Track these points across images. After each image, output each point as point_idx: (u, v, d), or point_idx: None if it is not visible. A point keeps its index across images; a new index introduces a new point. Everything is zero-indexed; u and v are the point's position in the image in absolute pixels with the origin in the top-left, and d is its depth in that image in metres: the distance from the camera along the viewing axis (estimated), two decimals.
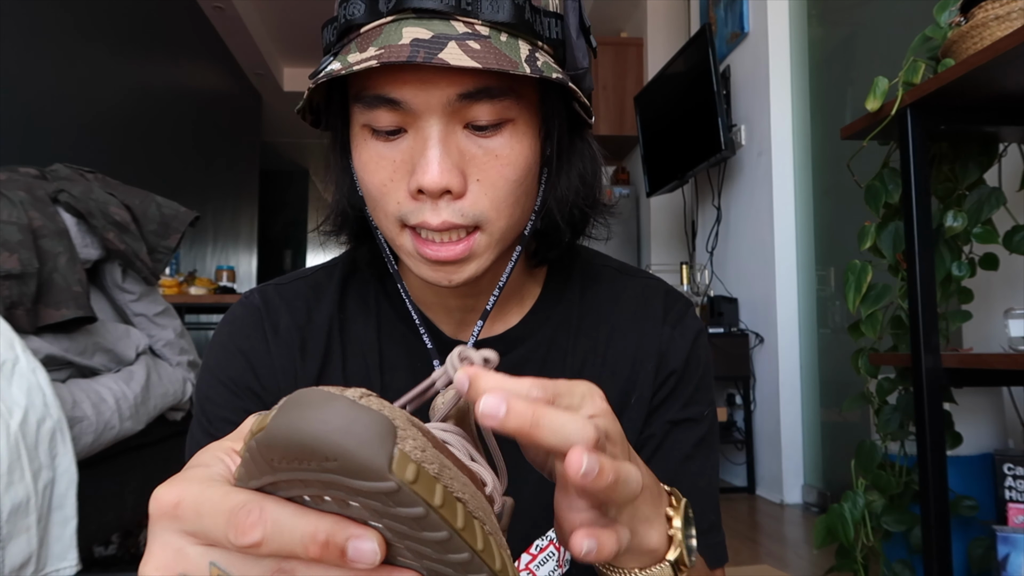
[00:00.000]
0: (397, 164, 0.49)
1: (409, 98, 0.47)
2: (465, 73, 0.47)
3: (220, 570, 0.29)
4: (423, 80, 0.47)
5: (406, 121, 0.49)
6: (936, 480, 1.27)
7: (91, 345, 1.64)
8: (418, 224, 0.49)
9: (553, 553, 0.59)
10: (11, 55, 2.76)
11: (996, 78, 1.23)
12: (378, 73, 0.48)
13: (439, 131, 0.48)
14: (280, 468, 0.26)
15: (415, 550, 0.28)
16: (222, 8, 4.88)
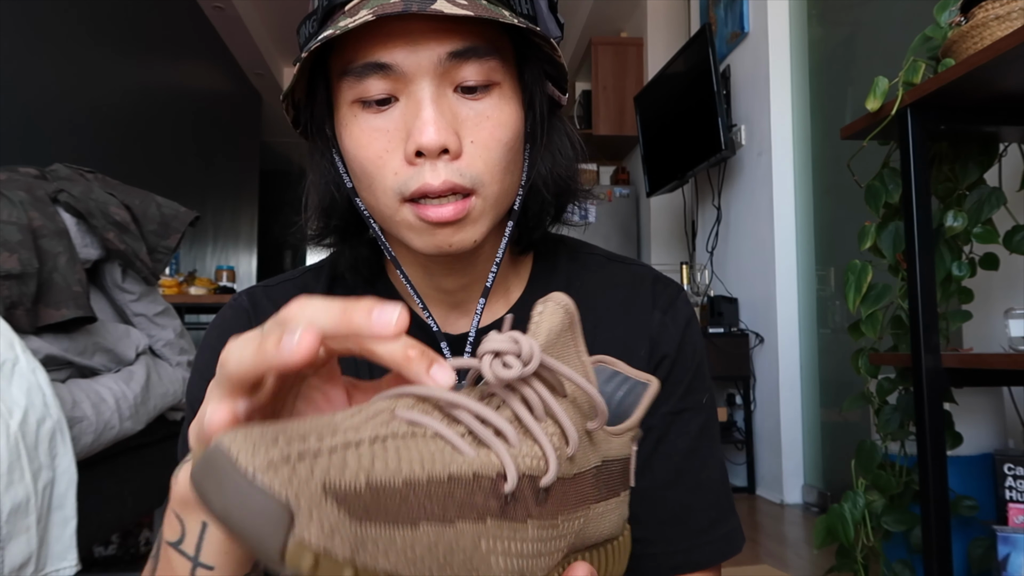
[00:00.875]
0: (391, 133, 0.50)
1: (400, 60, 0.48)
2: (453, 32, 0.49)
3: None
4: (413, 41, 0.48)
5: (397, 88, 0.50)
6: (936, 480, 1.27)
7: (91, 345, 1.64)
8: (419, 189, 0.49)
9: None
10: (11, 55, 2.76)
11: (996, 78, 1.23)
12: (368, 41, 0.49)
13: (431, 92, 0.49)
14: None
15: None
16: (222, 8, 4.88)
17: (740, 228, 3.23)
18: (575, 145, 0.60)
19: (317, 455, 0.24)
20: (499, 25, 0.52)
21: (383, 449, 0.25)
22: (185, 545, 0.38)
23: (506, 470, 0.26)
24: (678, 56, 3.35)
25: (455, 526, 0.25)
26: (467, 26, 0.50)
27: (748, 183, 3.15)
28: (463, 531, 0.25)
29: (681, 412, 0.61)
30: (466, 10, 0.46)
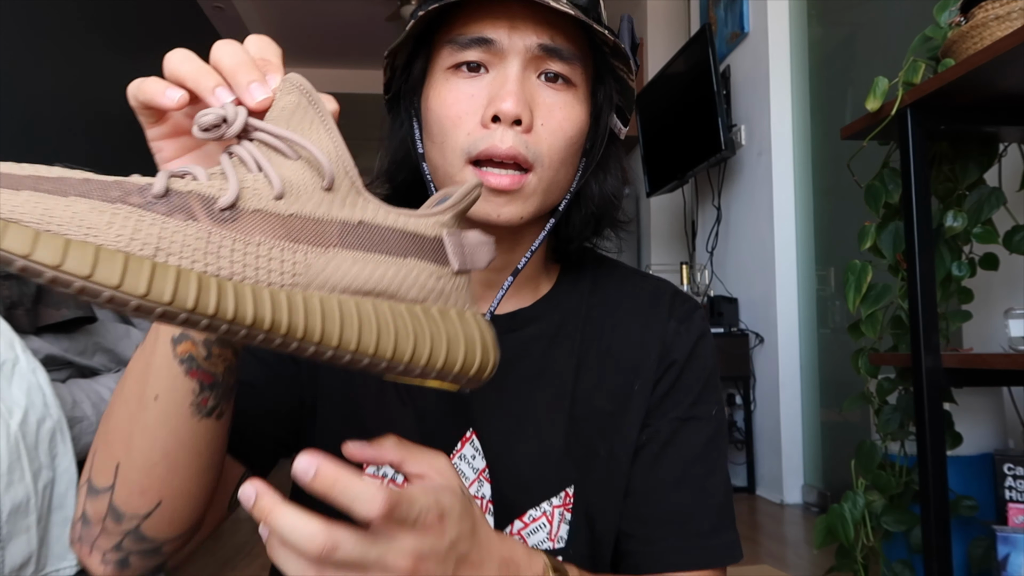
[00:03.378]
0: (475, 98, 0.56)
1: (500, 37, 0.55)
2: (549, 27, 0.56)
3: None
4: (514, 25, 0.55)
5: (491, 60, 0.56)
6: (936, 480, 1.27)
7: (91, 345, 1.64)
8: (486, 150, 0.55)
9: (545, 525, 0.62)
10: (11, 55, 2.76)
11: (996, 78, 1.23)
12: (475, 17, 0.56)
13: (518, 71, 0.55)
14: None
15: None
16: (222, 8, 4.88)
17: (740, 228, 3.23)
18: (624, 178, 0.66)
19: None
20: (587, 41, 0.60)
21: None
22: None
23: (157, 184, 0.34)
24: (678, 56, 3.35)
25: (96, 203, 0.32)
26: (561, 26, 0.57)
27: (748, 183, 3.15)
28: (101, 207, 0.32)
29: (689, 420, 0.63)
30: (567, 8, 0.53)
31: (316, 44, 5.83)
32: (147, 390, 0.45)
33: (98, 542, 0.48)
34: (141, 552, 0.48)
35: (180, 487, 0.47)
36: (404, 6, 4.96)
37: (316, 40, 5.75)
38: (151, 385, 0.45)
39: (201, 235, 0.33)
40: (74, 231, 0.30)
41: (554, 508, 0.62)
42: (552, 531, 0.62)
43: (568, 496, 0.62)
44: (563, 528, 0.62)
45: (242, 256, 0.34)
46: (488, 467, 0.61)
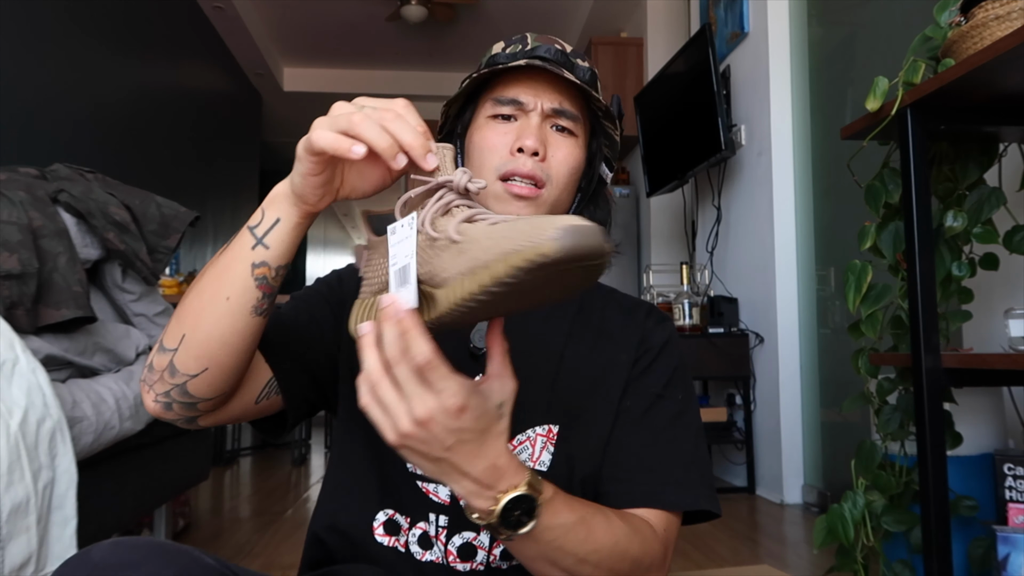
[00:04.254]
0: (506, 137, 0.78)
1: (528, 100, 0.79)
2: (562, 92, 0.79)
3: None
4: (538, 92, 0.79)
5: (518, 113, 0.79)
6: (936, 480, 1.27)
7: (91, 345, 1.64)
8: (512, 169, 0.76)
9: (528, 448, 0.76)
10: (11, 55, 2.76)
11: (996, 78, 1.23)
12: (512, 84, 0.79)
13: (538, 122, 0.78)
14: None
15: None
16: (222, 8, 4.88)
17: (740, 228, 3.23)
18: (609, 211, 0.87)
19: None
20: (586, 106, 0.82)
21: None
22: (258, 229, 0.62)
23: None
24: (678, 56, 3.35)
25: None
26: (569, 94, 0.79)
27: (748, 183, 3.15)
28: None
29: (661, 397, 0.79)
30: (574, 79, 0.76)
31: (316, 44, 5.82)
32: (221, 290, 0.62)
33: (155, 386, 0.65)
34: (183, 403, 0.66)
35: (224, 361, 0.64)
36: (404, 6, 4.96)
37: (316, 40, 5.74)
38: (225, 288, 0.62)
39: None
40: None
41: (537, 435, 0.76)
42: (534, 454, 0.76)
43: (552, 432, 0.77)
44: (545, 456, 0.76)
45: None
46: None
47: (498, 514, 0.56)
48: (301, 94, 6.39)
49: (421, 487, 0.76)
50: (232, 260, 0.62)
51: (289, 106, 6.64)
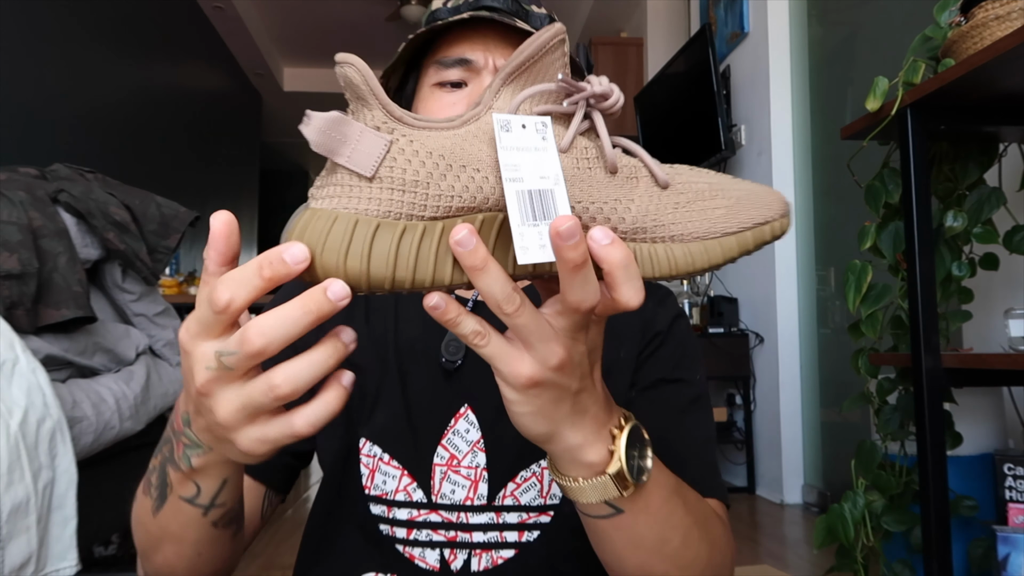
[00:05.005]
0: (456, 106, 0.66)
1: (477, 57, 0.66)
2: (514, 49, 0.65)
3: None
4: (488, 47, 0.67)
5: (469, 76, 0.67)
6: (936, 480, 1.27)
7: (91, 345, 1.64)
8: None
9: (535, 484, 0.66)
10: (11, 55, 2.76)
11: (996, 78, 1.23)
12: (456, 42, 0.67)
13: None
14: None
15: None
16: (222, 8, 4.88)
17: None
18: None
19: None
20: None
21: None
22: (200, 500, 0.47)
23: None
24: (678, 56, 3.35)
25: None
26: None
27: None
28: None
29: (674, 381, 0.70)
30: (528, 28, 0.65)
31: (316, 44, 5.82)
32: (184, 549, 0.52)
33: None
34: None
35: (216, 554, 0.53)
36: (404, 6, 4.96)
37: (316, 40, 5.74)
38: (187, 546, 0.51)
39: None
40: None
41: (543, 469, 0.66)
42: (543, 489, 0.66)
43: None
44: (555, 486, 0.66)
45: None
46: (483, 438, 0.66)
47: (623, 455, 0.44)
48: (301, 94, 6.40)
49: (404, 553, 0.66)
50: (183, 528, 0.50)
51: (289, 106, 6.64)
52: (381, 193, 0.36)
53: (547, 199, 0.37)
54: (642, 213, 0.41)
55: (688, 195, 0.42)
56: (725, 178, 0.44)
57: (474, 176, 0.38)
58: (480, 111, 0.39)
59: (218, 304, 0.35)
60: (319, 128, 0.36)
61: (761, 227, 0.43)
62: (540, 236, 0.37)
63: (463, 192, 0.37)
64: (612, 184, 0.41)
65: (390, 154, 0.36)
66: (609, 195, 0.41)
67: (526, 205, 0.37)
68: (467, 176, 0.37)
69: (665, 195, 0.42)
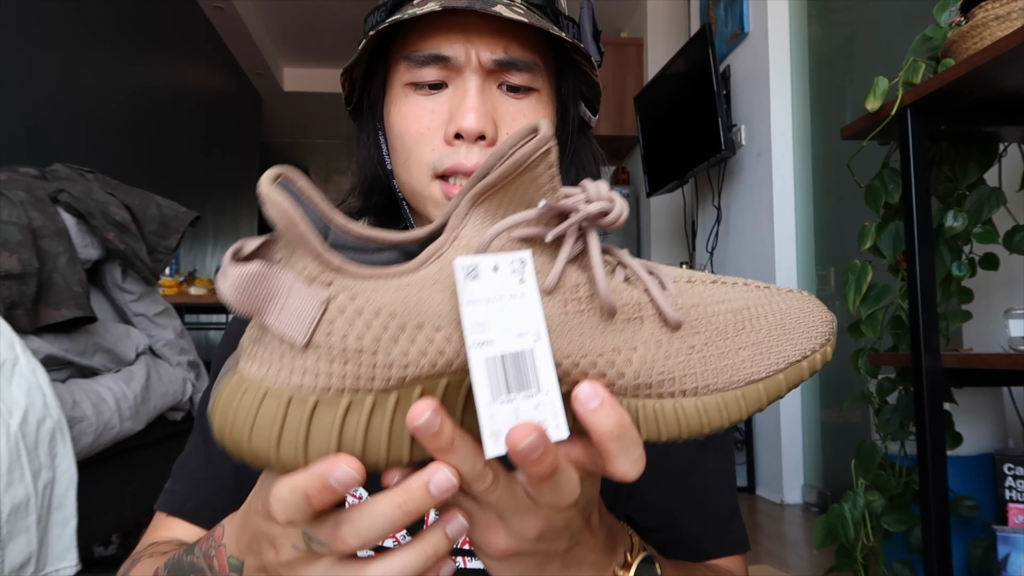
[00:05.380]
0: (436, 114, 0.55)
1: (456, 53, 0.54)
2: (506, 35, 0.54)
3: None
4: (470, 39, 0.54)
5: (449, 76, 0.55)
6: (936, 480, 1.27)
7: (91, 345, 1.64)
8: (452, 166, 0.54)
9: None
10: (12, 55, 2.76)
11: (996, 78, 1.23)
12: (430, 32, 0.55)
13: (478, 84, 0.54)
14: None
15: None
16: (222, 8, 4.88)
17: (740, 228, 3.23)
18: (598, 164, 0.64)
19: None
20: (546, 39, 0.57)
21: None
22: None
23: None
24: (678, 56, 3.35)
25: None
26: (518, 32, 0.55)
27: (748, 183, 3.15)
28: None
29: None
30: (521, 16, 0.51)
31: (316, 44, 5.82)
32: None
33: None
34: None
35: None
36: None
37: (316, 40, 5.74)
38: None
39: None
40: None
41: None
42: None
43: None
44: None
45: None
46: None
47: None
48: (301, 94, 6.40)
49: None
50: None
51: (289, 106, 6.64)
52: (318, 364, 0.29)
53: (524, 364, 0.30)
54: (647, 365, 0.33)
55: (706, 334, 0.34)
56: (755, 293, 0.36)
57: (433, 337, 0.30)
58: (442, 244, 0.31)
59: (279, 520, 0.31)
60: (237, 286, 0.29)
61: (797, 365, 0.35)
62: (516, 415, 0.29)
63: (420, 358, 0.30)
64: (609, 330, 0.33)
65: (327, 316, 0.29)
66: (605, 345, 0.33)
67: (498, 375, 0.29)
68: (424, 338, 0.30)
69: (677, 338, 0.34)
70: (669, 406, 0.33)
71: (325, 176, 8.72)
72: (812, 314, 0.36)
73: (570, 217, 0.32)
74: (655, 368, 0.33)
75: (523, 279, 0.31)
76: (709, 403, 0.34)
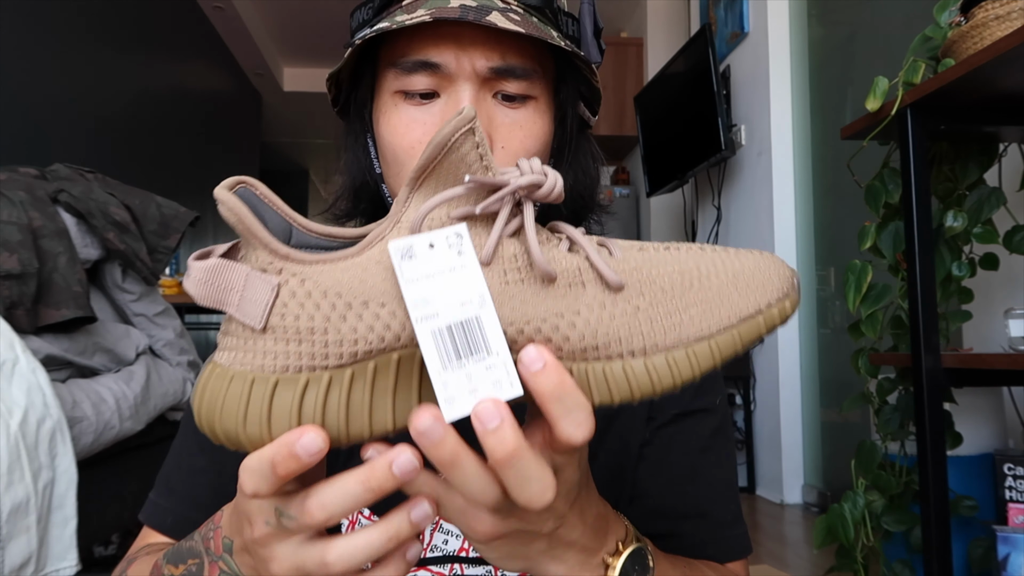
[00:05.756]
0: (428, 126, 0.52)
1: (448, 62, 0.51)
2: (502, 44, 0.51)
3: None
4: (463, 47, 0.51)
5: (441, 85, 0.52)
6: (936, 480, 1.27)
7: (91, 345, 1.64)
8: None
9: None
10: (12, 55, 2.76)
11: (996, 78, 1.23)
12: (420, 39, 0.52)
13: (471, 95, 0.52)
14: None
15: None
16: (222, 8, 4.88)
17: (740, 228, 3.23)
18: (597, 165, 0.62)
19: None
20: (544, 44, 0.54)
21: None
22: None
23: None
24: (678, 56, 3.35)
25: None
26: (514, 43, 0.52)
27: (748, 183, 3.15)
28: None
29: (695, 412, 0.61)
30: (518, 26, 0.48)
31: (316, 44, 5.82)
32: None
33: None
34: None
35: None
36: None
37: (316, 40, 5.74)
38: None
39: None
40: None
41: None
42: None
43: None
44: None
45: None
46: None
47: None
48: (301, 94, 6.40)
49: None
50: None
51: (289, 106, 6.64)
52: (276, 345, 0.32)
53: (472, 329, 0.31)
54: (591, 327, 0.34)
55: (651, 295, 0.34)
56: (708, 255, 0.36)
57: (379, 313, 0.32)
58: (385, 229, 0.33)
59: (246, 491, 0.33)
60: (199, 280, 0.32)
61: (753, 319, 0.35)
62: (470, 379, 0.31)
63: (368, 333, 0.32)
64: (551, 296, 0.33)
65: (280, 299, 0.32)
66: (548, 310, 0.33)
67: (446, 345, 0.31)
68: (371, 314, 0.32)
69: (620, 299, 0.34)
70: (618, 367, 0.34)
71: (325, 176, 8.72)
72: (768, 270, 0.36)
73: (500, 191, 0.33)
74: (600, 330, 0.34)
75: (461, 251, 0.32)
76: (658, 362, 0.34)
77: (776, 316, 0.35)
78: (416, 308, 0.31)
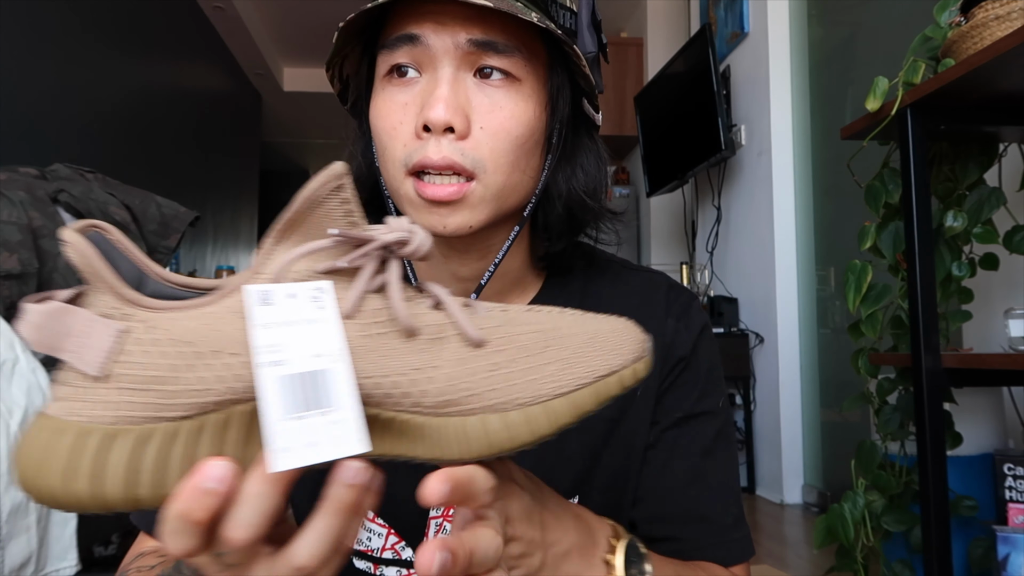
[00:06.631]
0: (408, 106, 0.52)
1: (427, 34, 0.51)
2: (482, 22, 0.51)
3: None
4: (441, 22, 0.51)
5: (422, 62, 0.52)
6: (936, 480, 1.27)
7: None
8: (419, 161, 0.51)
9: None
10: (12, 55, 2.76)
11: (996, 78, 1.23)
12: (403, 16, 0.52)
13: (450, 73, 0.51)
14: None
15: None
16: (222, 8, 4.88)
17: (740, 228, 3.23)
18: (602, 166, 0.61)
19: None
20: (533, 28, 0.54)
21: None
22: None
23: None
24: (678, 56, 3.35)
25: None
26: (497, 20, 0.52)
27: (748, 183, 3.15)
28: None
29: (697, 415, 0.61)
30: (487, 1, 0.47)
31: (316, 44, 5.82)
32: None
33: None
34: None
35: None
36: None
37: (316, 40, 5.74)
38: None
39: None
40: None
41: None
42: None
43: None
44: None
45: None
46: None
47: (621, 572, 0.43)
48: (301, 94, 6.40)
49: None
50: None
51: (289, 106, 6.64)
52: (117, 395, 0.30)
53: (321, 381, 0.30)
54: (451, 382, 0.34)
55: (510, 352, 0.35)
56: (568, 317, 0.38)
57: (230, 363, 0.30)
58: (245, 278, 0.32)
59: (176, 552, 0.30)
60: (35, 324, 0.29)
61: (605, 379, 0.36)
62: (312, 431, 0.29)
63: (217, 384, 0.30)
64: (412, 350, 0.34)
65: (123, 346, 0.30)
66: (407, 364, 0.33)
67: (292, 393, 0.30)
68: (221, 364, 0.30)
69: (481, 356, 0.35)
70: (476, 422, 0.34)
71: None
72: (624, 334, 0.37)
73: (366, 245, 0.33)
74: (459, 385, 0.34)
75: (322, 305, 0.32)
76: (515, 418, 0.34)
77: (629, 376, 0.37)
78: (263, 353, 0.30)
